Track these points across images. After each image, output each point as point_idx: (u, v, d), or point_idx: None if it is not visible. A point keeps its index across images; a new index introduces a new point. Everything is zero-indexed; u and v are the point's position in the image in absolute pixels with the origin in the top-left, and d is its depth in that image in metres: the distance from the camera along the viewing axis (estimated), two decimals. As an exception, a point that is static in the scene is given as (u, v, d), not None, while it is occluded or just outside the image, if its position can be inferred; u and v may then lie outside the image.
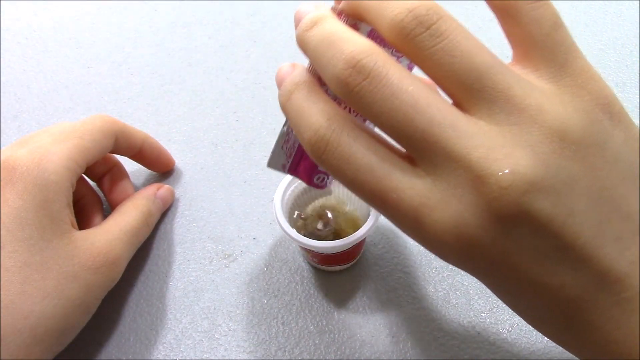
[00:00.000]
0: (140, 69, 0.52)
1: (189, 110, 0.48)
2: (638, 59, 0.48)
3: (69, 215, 0.31)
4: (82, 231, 0.32)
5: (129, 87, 0.50)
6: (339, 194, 0.36)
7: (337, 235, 0.32)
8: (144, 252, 0.38)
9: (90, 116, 0.36)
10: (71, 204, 0.32)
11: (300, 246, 0.32)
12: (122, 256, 0.33)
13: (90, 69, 0.52)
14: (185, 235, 0.39)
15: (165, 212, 0.40)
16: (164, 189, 0.40)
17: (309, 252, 0.34)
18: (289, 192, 0.34)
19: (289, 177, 0.34)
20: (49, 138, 0.33)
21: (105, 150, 0.36)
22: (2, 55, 0.54)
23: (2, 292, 0.27)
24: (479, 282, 0.35)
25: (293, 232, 0.31)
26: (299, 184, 0.34)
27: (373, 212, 0.32)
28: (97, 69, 0.52)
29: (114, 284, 0.33)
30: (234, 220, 0.40)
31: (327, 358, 0.33)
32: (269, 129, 0.45)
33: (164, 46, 0.54)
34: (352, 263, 0.36)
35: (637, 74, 0.47)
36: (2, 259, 0.28)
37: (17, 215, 0.28)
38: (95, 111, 0.48)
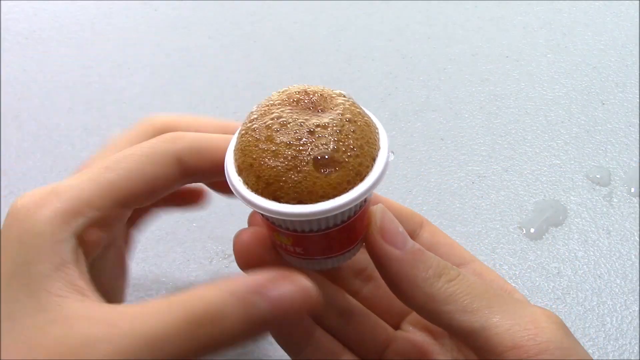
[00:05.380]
0: (140, 69, 0.52)
1: (189, 110, 0.48)
2: (638, 59, 0.48)
3: (62, 282, 0.20)
4: (99, 308, 0.20)
5: (129, 87, 0.50)
6: None
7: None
8: (143, 252, 0.38)
9: (137, 125, 0.25)
10: (70, 265, 0.20)
11: (273, 232, 0.22)
12: None
13: (90, 69, 0.52)
14: (185, 235, 0.39)
15: (164, 212, 0.40)
16: (288, 283, 0.21)
17: (282, 238, 0.23)
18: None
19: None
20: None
21: (159, 181, 0.24)
22: (2, 55, 0.54)
23: None
24: (479, 282, 0.35)
25: (244, 190, 0.21)
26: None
27: (378, 164, 0.21)
28: (97, 69, 0.52)
29: None
30: (234, 220, 0.39)
31: (327, 358, 0.33)
32: (269, 129, 0.45)
33: (164, 46, 0.54)
34: (350, 251, 0.25)
35: (637, 74, 0.47)
36: None
37: None
38: (96, 111, 0.48)
